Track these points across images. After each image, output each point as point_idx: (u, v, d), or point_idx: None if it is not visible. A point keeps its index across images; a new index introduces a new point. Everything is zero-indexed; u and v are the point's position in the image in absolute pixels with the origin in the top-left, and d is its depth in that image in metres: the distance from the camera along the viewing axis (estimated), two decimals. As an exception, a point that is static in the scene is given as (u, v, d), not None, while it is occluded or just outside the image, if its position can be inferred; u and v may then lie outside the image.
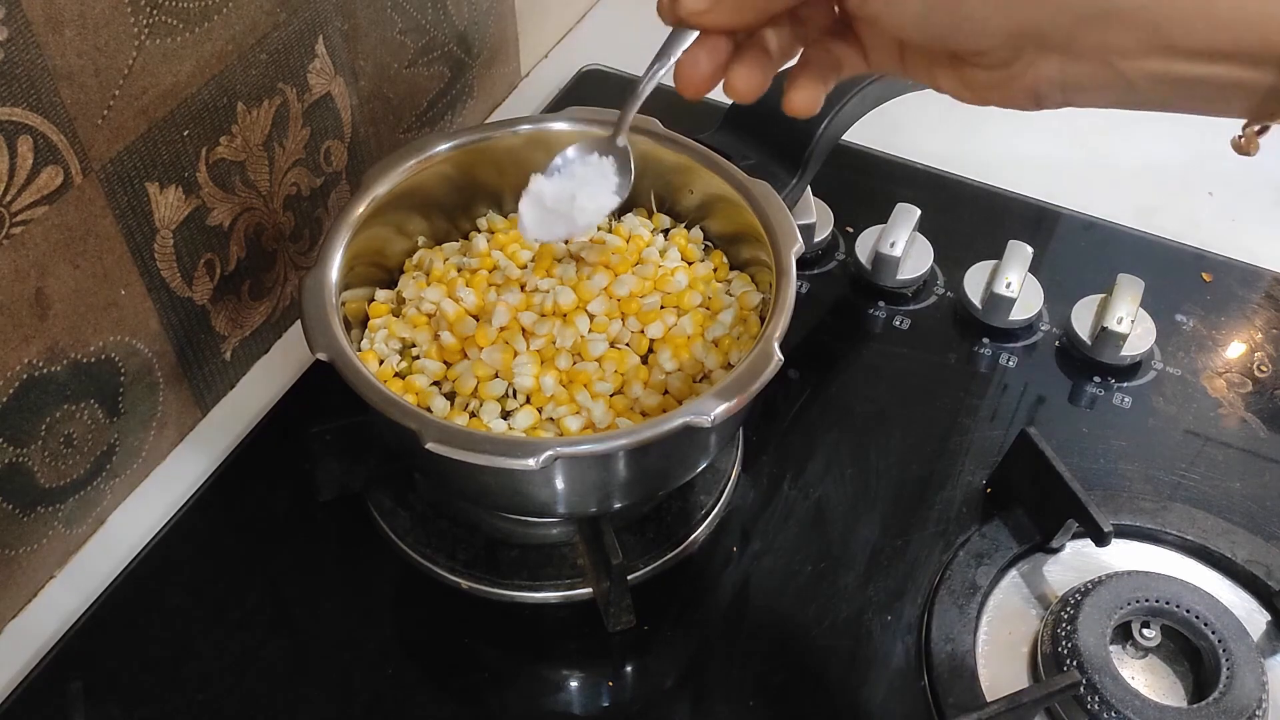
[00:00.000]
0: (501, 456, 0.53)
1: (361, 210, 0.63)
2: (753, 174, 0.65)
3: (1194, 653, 0.61)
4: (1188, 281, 0.81)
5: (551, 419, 0.60)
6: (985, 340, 0.77)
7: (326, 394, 0.62)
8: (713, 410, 0.54)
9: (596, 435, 0.58)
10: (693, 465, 0.63)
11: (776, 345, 0.57)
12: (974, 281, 0.78)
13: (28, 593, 0.65)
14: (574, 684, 0.63)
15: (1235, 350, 0.77)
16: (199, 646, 0.63)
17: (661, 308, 0.64)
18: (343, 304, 0.61)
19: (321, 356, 0.57)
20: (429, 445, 0.53)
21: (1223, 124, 0.88)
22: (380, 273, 0.67)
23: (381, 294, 0.66)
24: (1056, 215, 0.85)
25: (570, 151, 0.60)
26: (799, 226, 0.63)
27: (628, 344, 0.63)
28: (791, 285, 0.60)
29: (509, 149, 0.68)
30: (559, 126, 0.68)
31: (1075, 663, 0.59)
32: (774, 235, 0.62)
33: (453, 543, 0.65)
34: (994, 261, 0.77)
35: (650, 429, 0.54)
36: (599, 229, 0.68)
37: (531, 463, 0.52)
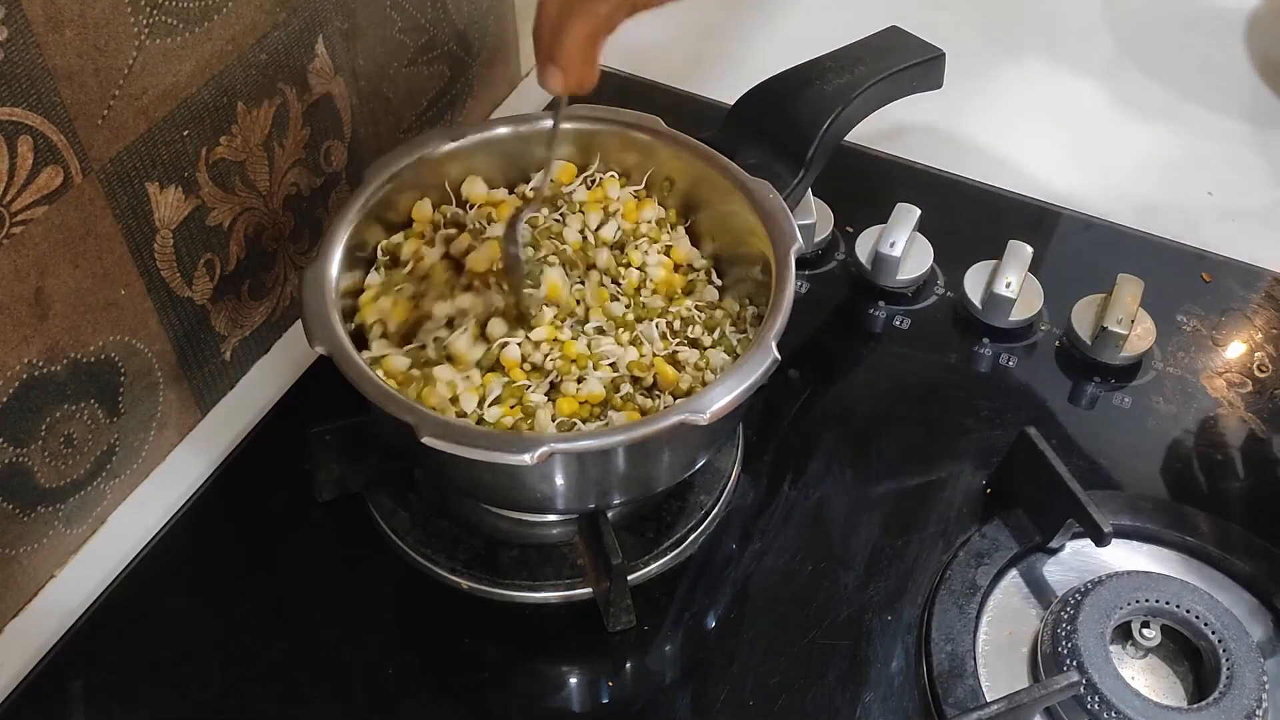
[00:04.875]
0: (497, 451, 0.53)
1: (362, 204, 0.63)
2: (755, 174, 0.65)
3: (1194, 653, 0.61)
4: (1188, 281, 0.81)
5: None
6: (985, 340, 0.77)
7: (326, 394, 0.62)
8: (708, 408, 0.54)
9: (591, 431, 0.58)
10: (690, 463, 0.63)
11: (774, 344, 0.57)
12: (974, 281, 0.78)
13: (28, 593, 0.65)
14: (574, 684, 0.63)
15: (1235, 350, 0.77)
16: (199, 646, 0.63)
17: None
18: (341, 296, 0.61)
19: (320, 350, 0.57)
20: (425, 439, 0.53)
21: (1222, 124, 0.87)
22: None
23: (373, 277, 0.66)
24: (1056, 215, 0.85)
25: None
26: (799, 226, 0.63)
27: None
28: (790, 285, 0.60)
29: (511, 146, 0.68)
30: (563, 124, 0.68)
31: (1075, 663, 0.59)
32: (774, 235, 0.62)
33: (453, 543, 0.65)
34: (994, 261, 0.77)
35: (645, 426, 0.55)
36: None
37: (527, 458, 0.52)
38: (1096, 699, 0.58)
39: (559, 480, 0.58)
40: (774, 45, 0.95)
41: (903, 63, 0.74)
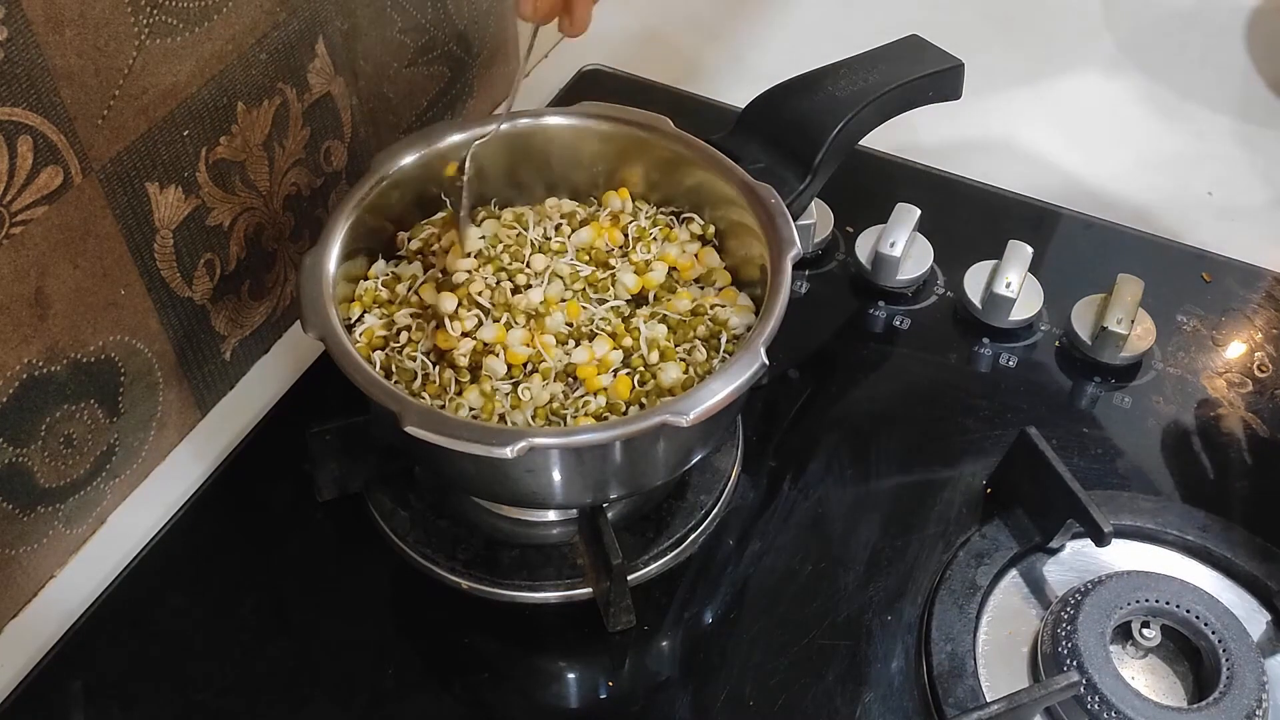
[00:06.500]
0: (477, 444, 0.53)
1: (365, 194, 0.63)
2: (760, 177, 0.65)
3: (1194, 653, 0.61)
4: (1188, 281, 0.81)
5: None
6: (985, 340, 0.77)
7: (326, 394, 0.62)
8: (691, 410, 0.54)
9: (570, 429, 0.58)
10: (681, 461, 0.63)
11: (763, 349, 0.57)
12: (974, 281, 0.78)
13: (28, 593, 0.65)
14: (574, 684, 0.63)
15: (1235, 350, 0.77)
16: (199, 646, 0.63)
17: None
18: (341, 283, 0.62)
19: (313, 335, 0.57)
20: (407, 428, 0.54)
21: (1222, 124, 0.88)
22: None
23: (378, 267, 0.67)
24: (1056, 215, 0.85)
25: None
26: (798, 227, 0.63)
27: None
28: (784, 291, 0.59)
29: (517, 141, 0.68)
30: (569, 121, 0.68)
31: (1075, 663, 0.59)
32: (772, 239, 0.62)
33: (453, 543, 0.65)
34: (994, 261, 0.77)
35: (627, 425, 0.55)
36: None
37: (507, 451, 0.53)
38: (1096, 699, 0.58)
39: (541, 476, 0.58)
40: (791, 51, 0.95)
41: (919, 71, 0.73)
